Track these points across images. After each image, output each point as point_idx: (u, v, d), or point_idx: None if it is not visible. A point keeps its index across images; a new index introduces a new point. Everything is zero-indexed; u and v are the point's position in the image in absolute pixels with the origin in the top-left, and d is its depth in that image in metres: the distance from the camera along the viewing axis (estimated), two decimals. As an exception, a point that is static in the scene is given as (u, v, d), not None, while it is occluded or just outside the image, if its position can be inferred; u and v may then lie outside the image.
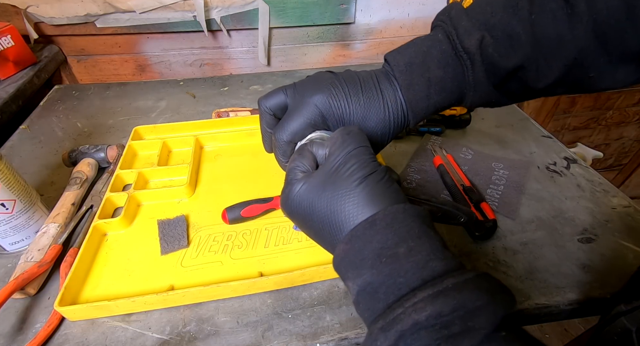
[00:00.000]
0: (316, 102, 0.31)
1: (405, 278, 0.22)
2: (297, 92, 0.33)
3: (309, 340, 0.37)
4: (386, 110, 0.32)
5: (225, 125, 0.64)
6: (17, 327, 0.38)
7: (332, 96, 0.31)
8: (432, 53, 0.31)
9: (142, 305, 0.38)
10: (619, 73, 0.29)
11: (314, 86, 0.32)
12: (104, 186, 0.54)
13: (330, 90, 0.31)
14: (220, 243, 0.46)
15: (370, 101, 0.32)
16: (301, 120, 0.31)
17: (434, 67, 0.31)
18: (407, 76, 0.32)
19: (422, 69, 0.31)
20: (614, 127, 1.49)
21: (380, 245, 0.23)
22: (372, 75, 0.33)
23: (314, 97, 0.31)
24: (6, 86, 0.67)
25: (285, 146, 0.33)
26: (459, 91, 0.33)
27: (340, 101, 0.31)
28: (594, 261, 0.45)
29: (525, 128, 0.69)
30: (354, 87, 0.32)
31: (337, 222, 0.25)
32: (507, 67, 0.30)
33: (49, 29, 0.78)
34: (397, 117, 0.33)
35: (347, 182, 0.25)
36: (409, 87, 0.32)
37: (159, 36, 0.84)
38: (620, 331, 0.29)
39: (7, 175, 0.41)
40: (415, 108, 0.32)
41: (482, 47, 0.30)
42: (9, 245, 0.45)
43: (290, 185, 0.28)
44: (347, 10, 0.86)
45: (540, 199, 0.54)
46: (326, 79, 0.32)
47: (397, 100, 0.32)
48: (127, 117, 0.72)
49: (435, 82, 0.32)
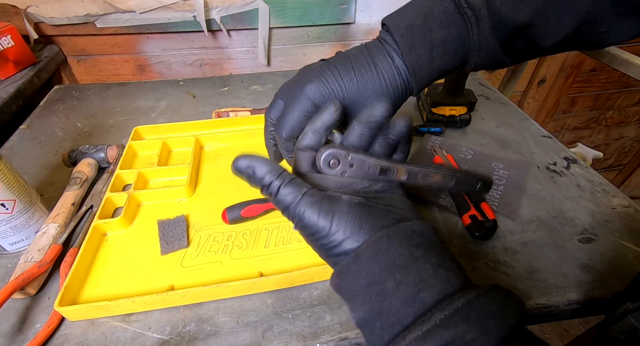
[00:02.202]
0: (307, 93, 0.31)
1: (397, 316, 0.21)
2: (289, 88, 0.33)
3: (309, 340, 0.37)
4: (382, 82, 0.31)
5: (225, 125, 0.64)
6: (17, 327, 0.38)
7: (323, 83, 0.31)
8: (433, 13, 0.30)
9: (142, 305, 0.38)
10: (625, 25, 0.28)
11: (303, 78, 0.32)
12: (104, 186, 0.54)
13: (319, 77, 0.31)
14: (220, 243, 0.46)
15: (364, 77, 0.31)
16: (296, 114, 0.31)
17: (436, 27, 0.29)
18: (408, 39, 0.30)
19: (424, 31, 0.30)
20: (614, 127, 1.49)
21: (368, 280, 0.23)
22: (363, 50, 0.32)
23: (304, 88, 0.31)
24: (6, 86, 0.67)
25: (286, 143, 0.32)
26: (463, 52, 0.31)
27: (332, 85, 0.31)
28: (594, 262, 0.45)
29: (525, 128, 0.69)
30: (345, 67, 0.31)
31: (333, 247, 0.25)
32: (515, 22, 0.28)
33: (49, 29, 0.78)
34: (395, 87, 0.31)
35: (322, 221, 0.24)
36: (410, 51, 0.30)
37: (159, 36, 0.84)
38: (627, 329, 0.29)
39: (7, 175, 0.41)
40: (417, 74, 0.31)
41: (489, 1, 0.28)
42: (9, 245, 0.45)
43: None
44: (347, 10, 0.86)
45: (540, 199, 0.54)
46: (315, 68, 0.32)
47: (394, 69, 0.31)
48: (127, 117, 0.72)
49: (438, 43, 0.30)
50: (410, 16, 0.30)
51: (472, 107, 0.68)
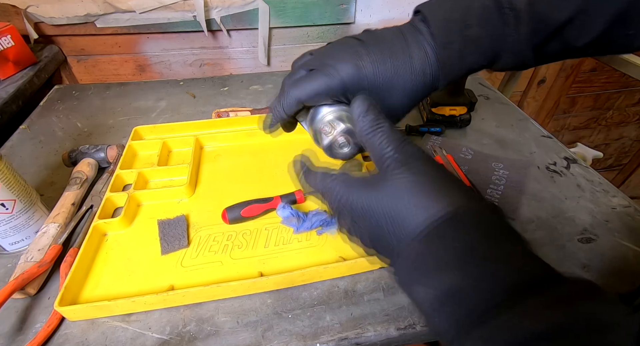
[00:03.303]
0: (341, 73, 0.29)
1: (505, 281, 0.18)
2: (318, 59, 0.31)
3: (309, 340, 0.37)
4: (414, 76, 0.29)
5: (225, 125, 0.64)
6: (17, 327, 0.38)
7: (358, 67, 0.29)
8: (472, 8, 0.28)
9: (142, 305, 0.38)
10: None
11: (338, 54, 0.30)
12: (104, 186, 0.54)
13: (355, 61, 0.29)
14: (220, 243, 0.46)
15: (398, 68, 0.29)
16: (321, 84, 0.29)
17: (474, 24, 0.28)
18: (445, 33, 0.28)
19: (460, 26, 0.28)
20: (614, 127, 1.49)
21: (466, 245, 0.20)
22: (400, 38, 0.30)
23: (338, 66, 0.29)
24: (6, 86, 0.67)
25: (293, 103, 0.30)
26: (493, 52, 0.30)
27: (366, 71, 0.29)
28: (594, 262, 0.45)
29: (525, 128, 0.69)
30: (382, 55, 0.29)
31: (399, 221, 0.22)
32: (557, 21, 0.27)
33: (49, 29, 0.78)
34: (424, 81, 0.30)
35: (407, 174, 0.23)
36: (445, 46, 0.29)
37: (159, 36, 0.84)
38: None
39: (7, 175, 0.41)
40: (448, 70, 0.30)
41: (532, 2, 0.27)
42: (9, 245, 0.45)
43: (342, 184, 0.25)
44: (347, 11, 0.86)
45: (540, 199, 0.54)
46: (351, 47, 0.30)
47: (426, 62, 0.29)
48: (127, 117, 0.72)
49: (472, 40, 0.29)
50: (447, 8, 0.29)
51: (472, 107, 0.68)
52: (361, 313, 0.39)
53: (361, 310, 0.39)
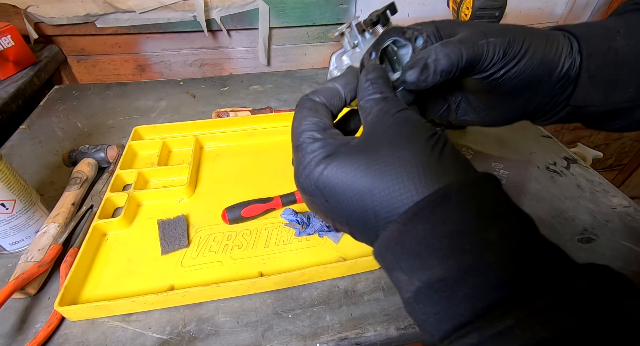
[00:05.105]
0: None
1: (506, 272, 0.16)
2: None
3: (309, 340, 0.37)
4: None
5: (225, 125, 0.64)
6: (17, 327, 0.38)
7: None
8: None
9: (142, 305, 0.38)
10: None
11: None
12: (104, 186, 0.54)
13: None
14: (220, 243, 0.46)
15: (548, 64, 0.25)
16: None
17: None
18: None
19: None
20: (614, 127, 1.49)
21: (457, 228, 0.17)
22: None
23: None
24: (6, 86, 0.67)
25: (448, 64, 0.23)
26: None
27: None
28: (594, 261, 0.45)
29: (525, 128, 0.69)
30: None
31: (383, 198, 0.19)
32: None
33: (49, 29, 0.78)
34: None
35: (407, 144, 0.20)
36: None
37: (159, 36, 0.84)
38: None
39: (7, 175, 0.41)
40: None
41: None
42: (9, 245, 0.45)
43: (312, 155, 0.22)
44: (347, 10, 0.86)
45: (540, 199, 0.54)
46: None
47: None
48: (127, 117, 0.72)
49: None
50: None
51: (472, 107, 0.68)
52: (361, 313, 0.39)
53: (361, 310, 0.39)
